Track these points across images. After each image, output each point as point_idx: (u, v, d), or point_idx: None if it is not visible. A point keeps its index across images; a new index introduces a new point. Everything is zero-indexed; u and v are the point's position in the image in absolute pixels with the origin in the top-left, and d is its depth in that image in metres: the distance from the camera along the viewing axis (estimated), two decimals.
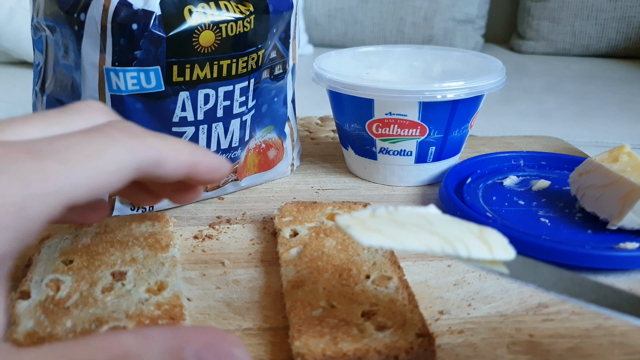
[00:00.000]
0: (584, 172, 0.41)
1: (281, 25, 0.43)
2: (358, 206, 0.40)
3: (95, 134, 0.21)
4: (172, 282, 0.32)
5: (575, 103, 1.23)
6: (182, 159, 0.25)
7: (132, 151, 0.22)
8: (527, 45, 1.69)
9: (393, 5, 1.66)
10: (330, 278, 0.32)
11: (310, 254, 0.34)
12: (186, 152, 0.25)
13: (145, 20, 0.36)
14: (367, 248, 0.35)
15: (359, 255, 0.34)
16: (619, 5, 1.55)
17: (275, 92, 0.46)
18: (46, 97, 0.40)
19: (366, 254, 0.34)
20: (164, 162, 0.24)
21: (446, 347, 0.28)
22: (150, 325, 0.27)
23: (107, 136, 0.21)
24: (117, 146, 0.21)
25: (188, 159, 0.25)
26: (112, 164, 0.21)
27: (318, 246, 0.35)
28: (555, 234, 0.39)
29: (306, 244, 0.35)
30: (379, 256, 0.34)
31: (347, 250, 0.35)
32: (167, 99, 0.38)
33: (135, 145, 0.22)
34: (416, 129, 0.45)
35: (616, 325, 0.30)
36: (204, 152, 0.27)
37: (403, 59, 0.55)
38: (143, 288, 0.31)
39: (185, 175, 0.26)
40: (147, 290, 0.31)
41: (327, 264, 0.33)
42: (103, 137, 0.21)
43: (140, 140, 0.23)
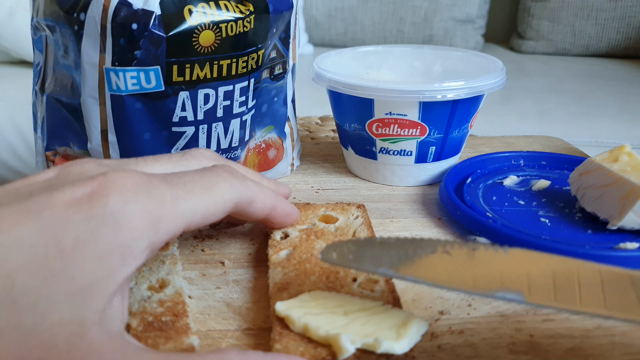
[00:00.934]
0: (584, 172, 0.41)
1: (281, 25, 0.43)
2: (351, 207, 0.40)
3: (209, 172, 0.27)
4: (173, 279, 0.32)
5: (575, 103, 1.23)
6: (268, 202, 0.31)
7: (234, 188, 0.27)
8: (527, 45, 1.69)
9: (393, 5, 1.66)
10: (317, 281, 0.32)
11: (299, 256, 0.34)
12: (272, 196, 0.32)
13: (145, 20, 0.36)
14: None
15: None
16: (619, 5, 1.55)
17: (275, 92, 0.46)
18: (46, 97, 0.40)
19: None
20: (255, 202, 0.30)
21: (446, 347, 0.28)
22: (153, 322, 0.28)
23: (218, 175, 0.27)
24: (225, 183, 0.27)
25: (272, 202, 0.32)
26: (220, 197, 0.26)
27: (307, 248, 0.35)
28: (555, 234, 0.39)
29: (296, 246, 0.35)
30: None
31: None
32: (167, 99, 0.38)
33: (237, 185, 0.28)
34: (416, 129, 0.45)
35: (616, 326, 0.30)
36: (283, 199, 0.34)
37: (403, 59, 0.55)
38: (145, 286, 0.31)
39: (266, 216, 0.32)
40: (149, 288, 0.31)
41: (315, 266, 0.33)
42: (215, 175, 0.27)
43: (241, 181, 0.28)
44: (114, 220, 0.22)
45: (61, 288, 0.20)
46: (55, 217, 0.21)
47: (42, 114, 0.41)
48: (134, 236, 0.22)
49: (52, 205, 0.21)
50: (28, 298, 0.20)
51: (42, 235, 0.21)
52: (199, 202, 0.25)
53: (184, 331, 0.28)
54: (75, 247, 0.21)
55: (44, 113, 0.41)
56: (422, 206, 0.45)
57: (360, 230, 0.37)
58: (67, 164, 0.25)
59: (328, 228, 0.37)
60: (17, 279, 0.20)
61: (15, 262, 0.20)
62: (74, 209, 0.21)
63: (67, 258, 0.21)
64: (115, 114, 0.38)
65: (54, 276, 0.20)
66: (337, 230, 0.37)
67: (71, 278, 0.21)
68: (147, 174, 0.24)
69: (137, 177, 0.23)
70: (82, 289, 0.21)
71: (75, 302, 0.21)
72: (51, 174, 0.25)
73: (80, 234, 0.21)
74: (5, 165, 1.17)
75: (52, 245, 0.21)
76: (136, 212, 0.23)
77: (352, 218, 0.38)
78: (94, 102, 0.38)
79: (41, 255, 0.20)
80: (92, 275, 0.21)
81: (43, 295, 0.20)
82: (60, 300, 0.20)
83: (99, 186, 0.22)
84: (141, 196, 0.23)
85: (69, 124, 0.40)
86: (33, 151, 1.05)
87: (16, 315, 0.20)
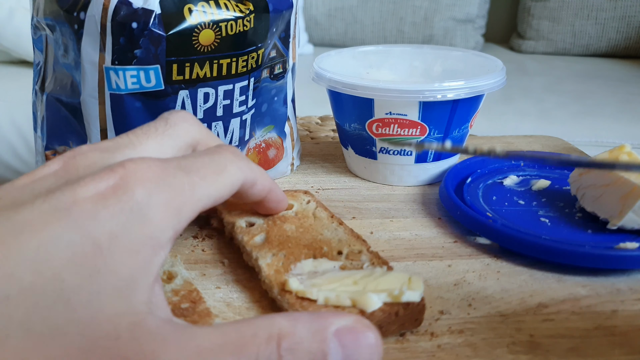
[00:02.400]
0: (584, 172, 0.41)
1: (281, 24, 0.43)
2: (299, 193, 0.40)
3: (217, 156, 0.27)
4: (178, 270, 0.33)
5: (575, 102, 1.23)
6: (266, 184, 0.32)
7: (241, 170, 0.28)
8: (527, 44, 1.69)
9: (393, 5, 1.66)
10: (306, 258, 0.33)
11: (277, 239, 0.34)
12: (269, 179, 0.33)
13: (145, 19, 0.36)
14: (327, 228, 0.36)
15: (322, 234, 0.35)
16: (619, 4, 1.55)
17: (275, 92, 0.46)
18: (46, 96, 0.40)
19: (327, 233, 0.36)
20: (257, 184, 0.30)
21: (446, 347, 0.28)
22: (174, 310, 0.29)
23: (225, 158, 0.27)
24: (232, 166, 0.27)
25: (270, 185, 0.32)
26: (229, 179, 0.27)
27: (280, 231, 0.35)
28: (555, 234, 0.39)
29: (268, 231, 0.35)
30: (340, 233, 0.36)
31: (309, 232, 0.36)
32: (167, 98, 0.38)
33: (242, 166, 0.28)
34: (416, 129, 0.45)
35: (616, 326, 0.30)
36: (276, 184, 0.34)
37: (403, 59, 0.55)
38: None
39: (263, 198, 0.33)
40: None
41: (297, 245, 0.34)
42: (223, 158, 0.27)
43: (245, 162, 0.29)
44: (142, 214, 0.22)
45: (108, 283, 0.21)
46: (84, 214, 0.21)
47: (42, 113, 0.41)
48: (161, 227, 0.23)
49: (78, 202, 0.21)
50: (80, 295, 0.20)
51: (76, 233, 0.21)
52: (212, 187, 0.26)
53: (206, 314, 0.29)
54: (111, 242, 0.21)
55: (43, 112, 0.41)
56: (422, 206, 0.45)
57: (318, 212, 0.38)
58: (68, 155, 0.25)
59: (288, 214, 0.37)
60: (65, 279, 0.20)
61: (59, 263, 0.20)
62: (101, 204, 0.22)
63: (106, 254, 0.21)
64: (115, 113, 0.38)
65: (99, 273, 0.21)
66: (298, 214, 0.38)
67: (114, 273, 0.21)
68: (162, 161, 0.24)
69: (155, 166, 0.24)
70: (127, 283, 0.21)
71: (123, 296, 0.21)
72: (56, 166, 0.24)
73: (112, 230, 0.21)
74: (5, 165, 1.17)
75: (88, 242, 0.21)
76: (161, 204, 0.23)
77: (304, 203, 0.39)
78: (93, 101, 0.38)
79: (80, 253, 0.21)
80: (131, 269, 0.22)
81: (94, 292, 0.21)
82: (110, 294, 0.21)
83: (121, 179, 0.22)
84: (163, 187, 0.23)
85: (68, 123, 0.40)
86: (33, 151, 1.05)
87: (73, 312, 0.20)
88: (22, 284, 0.19)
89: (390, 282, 0.30)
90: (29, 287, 0.20)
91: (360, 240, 0.35)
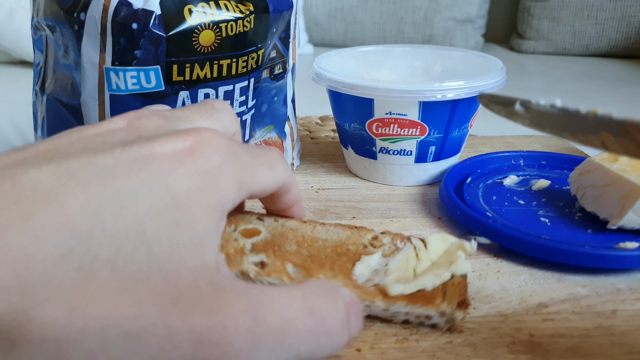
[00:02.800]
0: (584, 172, 0.41)
1: (281, 24, 0.43)
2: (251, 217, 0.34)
3: (270, 151, 0.28)
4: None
5: (575, 103, 1.23)
6: (297, 194, 0.32)
7: (285, 171, 0.28)
8: (527, 44, 1.69)
9: (393, 5, 1.66)
10: (335, 261, 0.30)
11: (301, 262, 0.30)
12: (299, 192, 0.32)
13: (145, 20, 0.36)
14: (324, 233, 0.33)
15: (327, 240, 0.33)
16: (619, 4, 1.55)
17: (275, 92, 0.46)
18: (46, 97, 0.40)
19: (331, 236, 0.33)
20: (291, 190, 0.31)
21: (446, 346, 0.28)
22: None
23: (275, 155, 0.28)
24: (280, 165, 0.28)
25: (299, 196, 0.32)
26: (277, 176, 0.28)
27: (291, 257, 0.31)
28: (555, 234, 0.39)
29: (271, 237, 0.32)
30: (340, 232, 0.33)
31: (314, 244, 0.32)
32: (167, 99, 0.38)
33: (287, 168, 0.29)
34: (416, 129, 0.45)
35: (616, 325, 0.30)
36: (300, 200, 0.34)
37: (403, 59, 0.55)
38: None
39: (291, 207, 0.33)
40: None
41: (318, 258, 0.31)
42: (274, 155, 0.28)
43: (288, 167, 0.29)
44: (215, 179, 0.23)
45: (187, 237, 0.21)
46: (163, 169, 0.22)
47: (42, 113, 0.41)
48: (228, 197, 0.24)
49: (157, 156, 0.22)
50: (161, 245, 0.21)
51: (156, 185, 0.21)
52: (265, 177, 0.26)
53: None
54: (189, 199, 0.22)
55: (44, 113, 0.41)
56: (422, 206, 0.45)
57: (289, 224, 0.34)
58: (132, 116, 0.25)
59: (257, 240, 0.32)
60: (146, 225, 0.21)
61: (140, 209, 0.21)
62: (179, 162, 0.22)
63: (184, 209, 0.22)
64: (115, 113, 0.38)
65: (178, 225, 0.21)
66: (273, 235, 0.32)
67: (193, 228, 0.22)
68: (229, 139, 0.25)
69: (226, 140, 0.24)
70: (202, 240, 0.22)
71: (199, 251, 0.22)
72: (121, 124, 0.25)
73: (190, 187, 0.22)
74: None
75: (167, 195, 0.21)
76: (231, 174, 0.24)
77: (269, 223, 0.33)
78: (93, 102, 0.38)
79: (160, 204, 0.21)
80: (206, 227, 0.22)
81: (175, 243, 0.21)
82: (188, 248, 0.21)
83: (196, 143, 0.23)
84: (233, 160, 0.24)
85: (69, 124, 0.40)
86: None
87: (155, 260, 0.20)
88: (104, 225, 0.20)
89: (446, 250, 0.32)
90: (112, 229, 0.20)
91: (361, 228, 0.34)
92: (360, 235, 0.33)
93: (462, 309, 0.28)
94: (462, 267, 0.30)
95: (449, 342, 0.29)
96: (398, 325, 0.30)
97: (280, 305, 0.22)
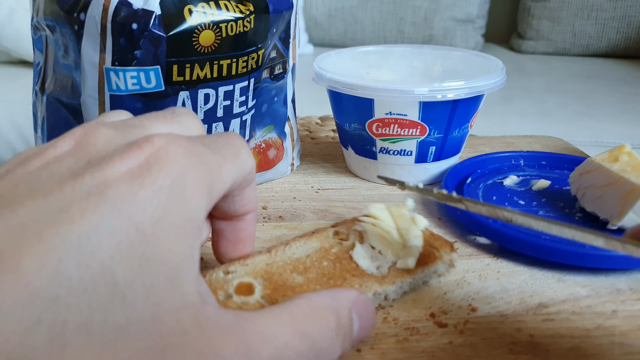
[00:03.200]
0: (584, 172, 0.41)
1: (281, 24, 0.43)
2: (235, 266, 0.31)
3: (230, 138, 0.26)
4: None
5: (575, 103, 1.23)
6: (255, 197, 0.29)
7: (250, 156, 0.26)
8: (527, 44, 1.69)
9: (393, 5, 1.66)
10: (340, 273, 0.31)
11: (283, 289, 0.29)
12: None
13: (145, 20, 0.36)
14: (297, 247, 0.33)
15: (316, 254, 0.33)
16: (619, 4, 1.55)
17: (275, 92, 0.46)
18: (46, 97, 0.40)
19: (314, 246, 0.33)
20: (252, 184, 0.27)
21: (446, 347, 0.28)
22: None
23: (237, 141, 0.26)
24: (245, 150, 0.26)
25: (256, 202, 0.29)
26: (243, 163, 0.25)
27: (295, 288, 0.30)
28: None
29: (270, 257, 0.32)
30: (317, 240, 0.34)
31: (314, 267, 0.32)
32: (167, 99, 0.38)
33: (250, 152, 0.26)
34: (416, 129, 0.45)
35: (616, 326, 0.30)
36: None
37: (403, 59, 0.55)
38: None
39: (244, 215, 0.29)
40: None
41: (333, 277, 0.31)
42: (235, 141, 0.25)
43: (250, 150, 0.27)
44: (180, 192, 0.20)
45: (160, 273, 0.19)
46: (121, 196, 0.19)
47: (42, 113, 0.41)
48: (198, 208, 0.21)
49: (111, 183, 0.19)
50: (136, 291, 0.18)
51: (117, 219, 0.19)
52: (233, 169, 0.24)
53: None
54: (154, 227, 0.19)
55: (44, 113, 0.41)
56: (422, 206, 0.45)
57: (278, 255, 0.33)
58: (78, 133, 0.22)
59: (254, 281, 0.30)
60: (115, 271, 0.18)
61: (105, 253, 0.18)
62: (136, 184, 0.19)
63: (151, 240, 0.19)
64: None
65: (148, 262, 0.19)
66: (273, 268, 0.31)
67: (164, 261, 0.19)
68: (188, 138, 0.22)
69: (183, 142, 0.22)
70: (177, 272, 0.20)
71: (176, 286, 0.20)
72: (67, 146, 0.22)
73: (154, 212, 0.19)
74: None
75: (131, 228, 0.19)
76: (197, 180, 0.21)
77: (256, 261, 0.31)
78: (93, 102, 0.38)
79: (126, 241, 0.19)
80: (178, 256, 0.20)
81: (148, 285, 0.19)
82: (164, 286, 0.19)
83: (151, 155, 0.20)
84: (195, 164, 0.21)
85: (69, 124, 0.40)
86: None
87: (132, 309, 0.18)
88: (70, 282, 0.17)
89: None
90: (78, 286, 0.17)
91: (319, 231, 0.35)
92: (326, 237, 0.35)
93: (454, 250, 0.34)
94: (421, 222, 0.35)
95: (449, 342, 0.29)
96: (398, 325, 0.30)
97: (272, 335, 0.21)
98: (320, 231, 0.35)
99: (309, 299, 0.23)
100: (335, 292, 0.24)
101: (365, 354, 0.28)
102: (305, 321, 0.22)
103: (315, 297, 0.23)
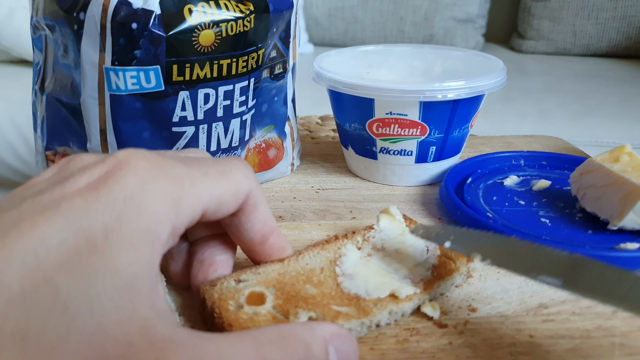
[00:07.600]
0: (584, 172, 0.41)
1: (281, 24, 0.43)
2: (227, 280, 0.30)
3: (222, 159, 0.26)
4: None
5: (575, 102, 1.23)
6: (269, 219, 0.28)
7: (247, 178, 0.26)
8: (527, 44, 1.69)
9: (393, 5, 1.66)
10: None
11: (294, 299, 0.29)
12: (273, 218, 0.29)
13: (144, 20, 0.36)
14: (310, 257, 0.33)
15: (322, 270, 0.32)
16: (620, 4, 1.55)
17: (275, 92, 0.46)
18: (46, 97, 0.40)
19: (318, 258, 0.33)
20: (260, 207, 0.27)
21: (446, 347, 0.28)
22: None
23: (231, 162, 0.26)
24: (238, 171, 0.25)
25: (274, 223, 0.29)
26: (234, 184, 0.25)
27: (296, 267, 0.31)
28: (556, 234, 0.39)
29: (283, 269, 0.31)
30: (324, 253, 0.33)
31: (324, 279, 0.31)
32: (167, 99, 0.38)
33: (249, 175, 0.26)
34: (417, 129, 0.45)
35: (616, 326, 0.30)
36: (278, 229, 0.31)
37: (403, 59, 0.55)
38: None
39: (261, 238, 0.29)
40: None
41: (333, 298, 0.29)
42: (228, 162, 0.25)
43: (253, 173, 0.27)
44: (136, 203, 0.20)
45: (108, 284, 0.19)
46: (74, 209, 0.19)
47: (42, 113, 0.41)
48: (159, 219, 0.21)
49: (67, 197, 0.20)
50: (79, 301, 0.18)
51: (67, 231, 0.19)
52: (215, 186, 0.24)
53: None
54: (106, 237, 0.19)
55: (43, 113, 0.41)
56: (422, 206, 0.45)
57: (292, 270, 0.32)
58: (65, 159, 0.23)
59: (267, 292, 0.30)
60: (58, 282, 0.18)
61: (50, 265, 0.18)
62: (92, 197, 0.20)
63: (102, 251, 0.19)
64: (115, 113, 0.38)
65: (96, 273, 0.19)
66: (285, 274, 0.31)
67: (114, 272, 0.19)
68: (160, 153, 0.23)
69: (151, 156, 0.22)
70: (128, 283, 0.19)
71: (126, 298, 0.19)
72: (49, 173, 0.23)
73: (106, 223, 0.19)
74: (5, 165, 1.17)
75: (81, 240, 0.19)
76: (156, 193, 0.21)
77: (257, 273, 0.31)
78: (93, 102, 0.38)
79: (73, 252, 0.19)
80: (131, 267, 0.20)
81: (94, 295, 0.19)
82: (112, 297, 0.19)
83: (113, 168, 0.21)
84: (159, 175, 0.21)
85: (68, 124, 0.40)
86: (33, 151, 1.05)
87: (73, 319, 0.18)
88: (10, 292, 0.18)
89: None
90: (19, 295, 0.18)
91: (332, 240, 0.34)
92: (339, 247, 0.34)
93: (470, 260, 0.33)
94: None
95: (449, 343, 0.29)
96: (398, 326, 0.30)
97: (229, 354, 0.20)
98: (333, 240, 0.35)
99: (278, 327, 0.22)
100: (312, 324, 0.23)
101: (365, 355, 0.28)
102: (269, 347, 0.21)
103: (286, 326, 0.23)
